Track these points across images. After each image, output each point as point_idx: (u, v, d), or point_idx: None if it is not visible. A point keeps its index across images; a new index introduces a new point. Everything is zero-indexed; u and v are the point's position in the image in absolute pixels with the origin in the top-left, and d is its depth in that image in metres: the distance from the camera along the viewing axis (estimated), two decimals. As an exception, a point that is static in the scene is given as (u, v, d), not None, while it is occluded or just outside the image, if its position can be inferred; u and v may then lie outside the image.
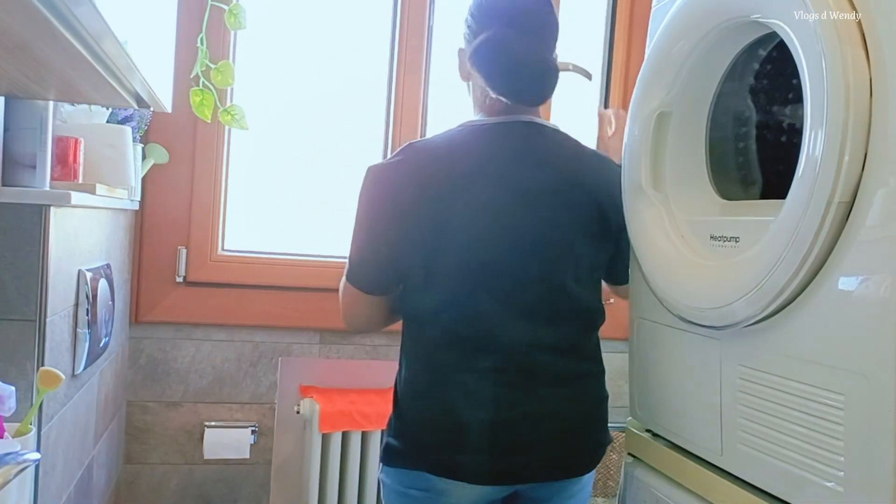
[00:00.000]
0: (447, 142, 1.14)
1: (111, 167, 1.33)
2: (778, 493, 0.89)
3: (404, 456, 1.13)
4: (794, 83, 1.07)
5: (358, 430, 1.78)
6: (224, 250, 1.83)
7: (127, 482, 1.78)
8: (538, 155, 1.13)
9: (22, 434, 0.92)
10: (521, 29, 1.12)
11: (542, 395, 1.11)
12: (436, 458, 1.10)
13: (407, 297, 1.15)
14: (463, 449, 1.09)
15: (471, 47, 1.12)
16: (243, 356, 1.83)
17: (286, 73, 1.89)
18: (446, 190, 1.08)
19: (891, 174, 0.74)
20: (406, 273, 1.12)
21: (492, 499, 1.14)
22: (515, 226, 1.09)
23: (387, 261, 1.12)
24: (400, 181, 1.10)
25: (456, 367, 1.10)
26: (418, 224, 1.08)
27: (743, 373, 0.94)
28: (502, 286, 1.10)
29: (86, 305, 1.21)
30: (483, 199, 1.08)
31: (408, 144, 1.14)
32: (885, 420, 0.74)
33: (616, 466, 1.96)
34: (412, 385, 1.14)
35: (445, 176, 1.09)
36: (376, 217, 1.11)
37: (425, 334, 1.13)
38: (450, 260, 1.09)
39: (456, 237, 1.08)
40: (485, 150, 1.12)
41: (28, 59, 0.75)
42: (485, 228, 1.08)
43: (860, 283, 0.77)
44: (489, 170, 1.10)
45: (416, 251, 1.09)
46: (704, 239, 1.02)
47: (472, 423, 1.09)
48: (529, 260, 1.10)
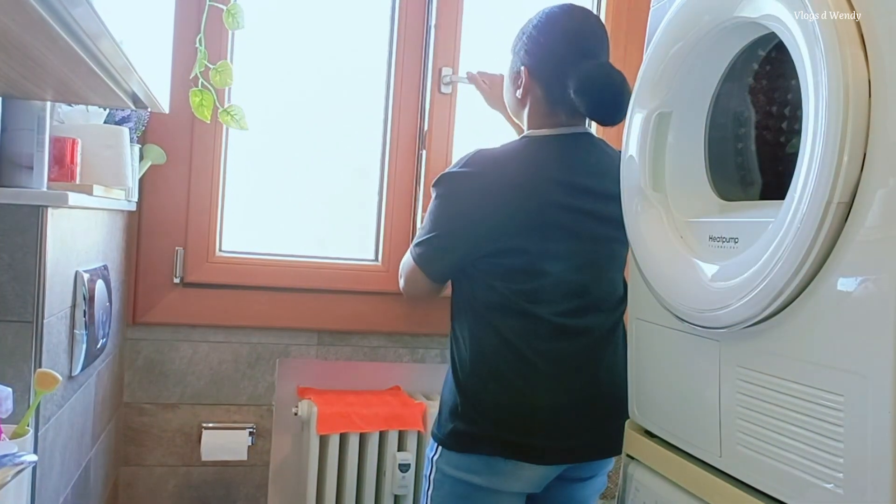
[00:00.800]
0: (520, 151, 1.26)
1: (108, 168, 1.33)
2: (777, 495, 0.88)
3: (477, 440, 1.21)
4: (792, 83, 1.07)
5: (356, 431, 1.78)
6: (222, 251, 1.83)
7: (124, 484, 1.78)
8: (596, 161, 1.28)
9: (19, 436, 0.92)
10: (603, 54, 1.27)
11: (600, 379, 1.25)
12: (515, 440, 1.20)
13: (478, 289, 1.25)
14: (535, 431, 1.20)
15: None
16: (241, 357, 1.82)
17: (284, 73, 1.88)
18: (526, 196, 1.20)
19: (890, 174, 0.74)
20: (476, 268, 1.25)
21: (550, 478, 1.26)
22: (590, 226, 1.24)
23: (459, 258, 1.26)
24: (482, 188, 1.22)
25: (532, 351, 1.21)
26: (503, 224, 1.21)
27: (742, 374, 0.94)
28: (578, 279, 1.24)
29: (83, 307, 1.21)
30: (562, 203, 1.22)
31: (480, 154, 1.24)
32: (885, 421, 0.74)
33: (615, 468, 1.96)
34: (483, 369, 1.23)
35: (524, 182, 1.21)
36: (461, 220, 1.24)
37: (499, 323, 1.22)
38: (533, 257, 1.22)
39: (540, 238, 1.21)
40: (556, 159, 1.25)
41: (25, 59, 0.74)
42: (565, 229, 1.22)
43: (859, 284, 0.77)
44: (560, 176, 1.23)
45: (488, 246, 1.22)
46: (703, 239, 1.02)
47: (546, 406, 1.21)
48: (602, 255, 1.27)
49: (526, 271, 1.22)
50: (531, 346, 1.21)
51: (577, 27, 1.27)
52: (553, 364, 1.22)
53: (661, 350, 1.12)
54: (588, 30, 1.28)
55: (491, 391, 1.22)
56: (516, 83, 1.33)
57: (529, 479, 1.23)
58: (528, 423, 1.21)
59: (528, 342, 1.21)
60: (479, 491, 1.21)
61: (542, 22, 1.28)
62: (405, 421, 1.78)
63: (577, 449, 1.24)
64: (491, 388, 1.22)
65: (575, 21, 1.28)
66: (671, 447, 1.11)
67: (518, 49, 1.32)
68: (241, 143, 1.84)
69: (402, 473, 1.78)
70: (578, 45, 1.25)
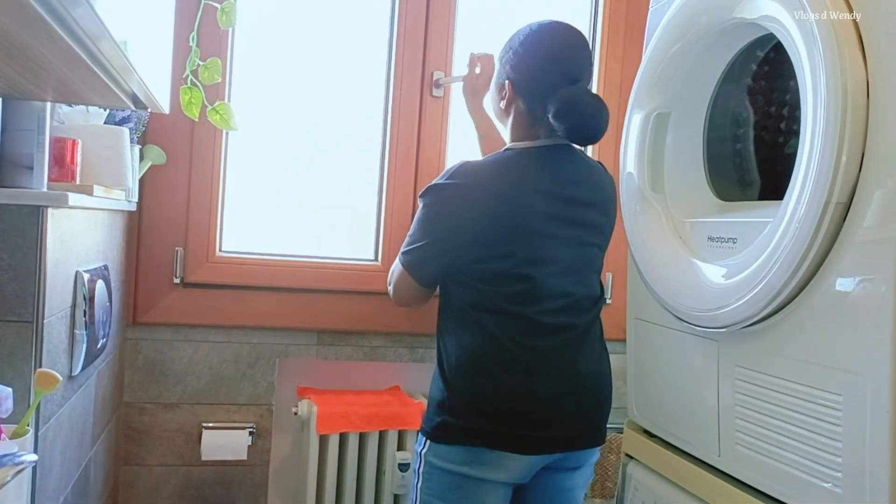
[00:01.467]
0: (503, 163, 1.31)
1: (109, 168, 1.33)
2: (776, 494, 0.89)
3: (464, 432, 1.25)
4: (791, 84, 1.07)
5: (356, 431, 1.78)
6: (222, 251, 1.83)
7: (124, 484, 1.78)
8: (575, 171, 1.33)
9: (19, 436, 0.92)
10: (586, 75, 1.32)
11: (580, 371, 1.29)
12: (500, 431, 1.24)
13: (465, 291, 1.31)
14: (520, 422, 1.24)
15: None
16: (241, 357, 1.83)
17: (285, 74, 1.88)
18: (510, 204, 1.26)
19: (888, 175, 0.75)
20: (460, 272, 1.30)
21: (536, 468, 1.29)
22: (570, 233, 1.29)
23: (446, 263, 1.31)
24: (467, 198, 1.27)
25: (516, 346, 1.26)
26: (488, 231, 1.25)
27: (740, 373, 0.94)
28: (560, 283, 1.29)
29: (83, 307, 1.21)
30: (544, 211, 1.27)
31: (465, 166, 1.30)
32: (883, 420, 0.74)
33: (614, 467, 1.96)
34: (469, 364, 1.28)
35: (508, 191, 1.26)
36: (448, 227, 1.30)
37: (485, 322, 1.28)
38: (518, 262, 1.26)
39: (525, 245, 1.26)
40: (538, 170, 1.30)
41: (25, 59, 0.74)
42: (548, 235, 1.27)
43: (858, 284, 0.77)
44: (542, 186, 1.28)
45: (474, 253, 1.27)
46: (702, 240, 1.02)
47: (529, 398, 1.25)
48: (583, 259, 1.31)
49: (511, 275, 1.27)
50: (515, 341, 1.26)
51: (560, 50, 1.32)
52: (536, 357, 1.27)
53: (660, 350, 1.12)
54: (571, 52, 1.32)
55: (476, 385, 1.27)
56: (501, 93, 1.39)
57: (516, 469, 1.27)
58: (512, 414, 1.25)
59: (512, 338, 1.27)
60: (467, 480, 1.26)
61: (528, 39, 1.34)
62: (405, 420, 1.78)
63: (560, 439, 1.28)
64: (476, 382, 1.27)
65: (559, 43, 1.33)
66: (670, 447, 1.11)
67: (504, 62, 1.38)
68: (241, 143, 1.84)
69: (402, 473, 1.79)
70: (561, 69, 1.31)
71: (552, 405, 1.28)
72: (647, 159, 1.10)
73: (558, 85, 1.29)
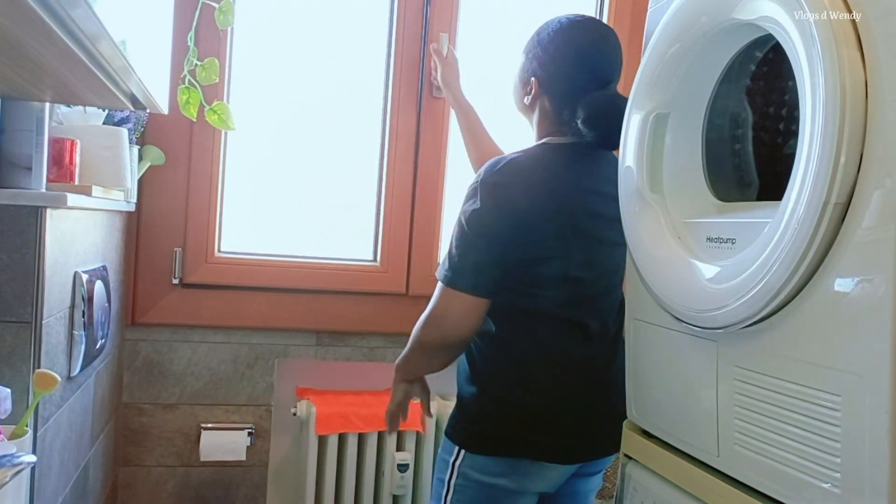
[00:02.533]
0: (546, 160, 1.26)
1: (107, 169, 1.33)
2: (775, 495, 0.89)
3: (507, 442, 1.21)
4: (790, 85, 1.07)
5: (355, 431, 1.78)
6: (220, 252, 1.83)
7: (123, 484, 1.78)
8: (611, 168, 1.25)
9: (18, 436, 0.92)
10: (616, 76, 1.29)
11: (616, 376, 1.24)
12: (545, 442, 1.21)
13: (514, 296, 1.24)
14: (565, 431, 1.22)
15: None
16: (240, 358, 1.83)
17: (284, 74, 1.88)
18: (558, 203, 1.21)
19: (887, 175, 0.75)
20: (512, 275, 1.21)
21: (567, 475, 1.27)
22: (608, 233, 1.24)
23: (499, 268, 1.19)
24: (517, 198, 1.19)
25: (563, 356, 1.23)
26: (532, 229, 1.19)
27: (739, 374, 0.94)
28: (604, 284, 1.27)
29: (82, 307, 1.21)
30: (588, 210, 1.23)
31: (511, 163, 1.22)
32: (882, 421, 0.74)
33: (613, 468, 1.96)
34: (513, 372, 1.24)
35: (555, 190, 1.22)
36: (491, 225, 1.19)
37: (535, 328, 1.23)
38: (573, 264, 1.23)
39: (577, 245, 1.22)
40: (580, 166, 1.27)
41: (24, 60, 0.74)
42: (593, 235, 1.24)
43: (856, 285, 0.77)
44: (584, 183, 1.26)
45: (528, 253, 1.20)
46: (701, 240, 1.02)
47: (574, 407, 1.24)
48: (615, 259, 1.27)
49: (561, 278, 1.22)
50: (564, 350, 1.23)
51: (592, 50, 1.26)
52: (579, 366, 1.24)
53: (659, 350, 1.12)
54: (602, 53, 1.27)
55: (520, 394, 1.23)
56: (525, 88, 1.31)
57: (553, 479, 1.25)
58: (558, 424, 1.22)
59: (560, 346, 1.23)
60: (503, 494, 1.22)
61: (556, 36, 1.26)
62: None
63: (596, 446, 1.28)
64: (520, 391, 1.23)
65: (590, 43, 1.26)
66: (669, 447, 1.11)
67: (531, 56, 1.30)
68: (239, 143, 1.84)
69: (401, 473, 1.79)
70: (592, 71, 1.25)
71: (590, 413, 1.25)
72: (645, 160, 1.10)
73: (588, 88, 1.23)
